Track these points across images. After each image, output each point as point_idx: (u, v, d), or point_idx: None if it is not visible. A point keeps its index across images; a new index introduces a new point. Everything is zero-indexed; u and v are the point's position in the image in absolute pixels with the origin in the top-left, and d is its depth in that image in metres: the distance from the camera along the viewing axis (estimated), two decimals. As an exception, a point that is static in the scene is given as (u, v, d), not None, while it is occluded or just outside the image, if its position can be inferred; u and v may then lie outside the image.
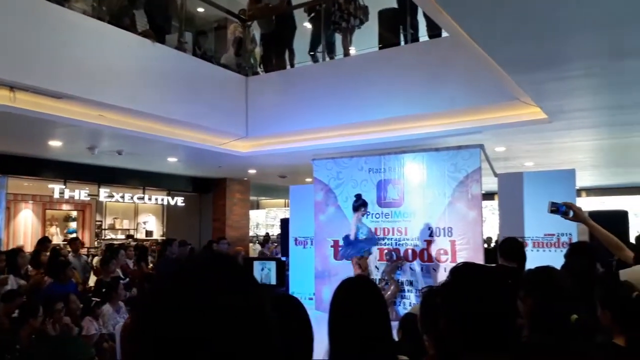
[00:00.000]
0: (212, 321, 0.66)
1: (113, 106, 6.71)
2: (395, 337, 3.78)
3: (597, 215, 8.51)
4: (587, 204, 14.26)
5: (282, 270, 9.81)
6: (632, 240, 8.14)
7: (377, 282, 7.90)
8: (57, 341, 4.80)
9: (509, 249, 4.35)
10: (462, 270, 1.64)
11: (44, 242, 8.43)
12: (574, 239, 7.06)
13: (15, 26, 5.61)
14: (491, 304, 1.49)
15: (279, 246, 12.50)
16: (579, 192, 14.01)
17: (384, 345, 1.83)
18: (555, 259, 4.04)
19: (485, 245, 9.47)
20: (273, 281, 9.86)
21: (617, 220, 8.28)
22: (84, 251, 10.69)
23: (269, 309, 0.73)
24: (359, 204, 7.90)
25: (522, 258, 4.29)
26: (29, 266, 7.43)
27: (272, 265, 10.10)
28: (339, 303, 1.89)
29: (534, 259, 4.89)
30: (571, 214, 3.47)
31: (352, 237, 7.87)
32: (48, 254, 8.08)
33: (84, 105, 6.57)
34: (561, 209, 3.47)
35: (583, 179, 13.08)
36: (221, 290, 0.69)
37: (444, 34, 6.84)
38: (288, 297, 1.77)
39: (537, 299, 2.51)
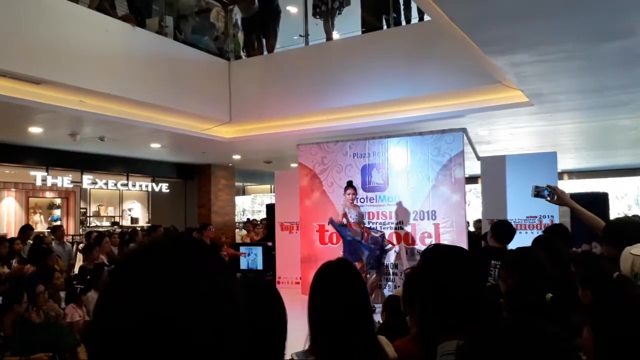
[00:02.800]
0: (173, 303, 0.63)
1: (94, 91, 6.62)
2: (380, 318, 3.84)
3: (578, 198, 8.62)
4: (569, 186, 14.44)
5: (269, 255, 9.84)
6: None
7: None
8: (41, 328, 4.78)
9: (501, 230, 4.50)
10: (432, 254, 1.66)
11: (25, 230, 8.34)
12: (556, 221, 7.17)
13: (-9, 10, 5.50)
14: (461, 286, 1.51)
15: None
16: (560, 174, 14.18)
17: (363, 327, 1.85)
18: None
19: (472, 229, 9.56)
20: (260, 266, 9.91)
21: (598, 203, 8.40)
22: (69, 239, 10.61)
23: (236, 289, 0.71)
24: (345, 187, 7.85)
25: (509, 240, 4.42)
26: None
27: (259, 250, 10.13)
28: (319, 286, 1.91)
29: (516, 241, 4.98)
30: (555, 197, 3.50)
31: (336, 221, 7.88)
32: (30, 241, 8.01)
33: (64, 91, 6.48)
34: (544, 193, 3.48)
35: (565, 162, 13.22)
36: (183, 271, 0.67)
37: (427, 17, 6.83)
38: (257, 280, 1.77)
39: (516, 279, 2.55)
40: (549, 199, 3.50)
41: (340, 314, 1.81)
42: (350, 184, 7.78)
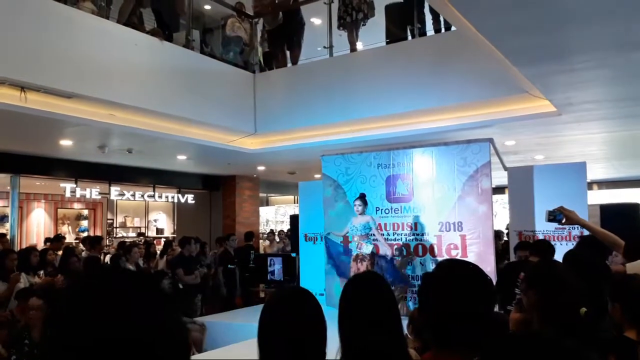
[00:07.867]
0: (111, 334, 0.72)
1: (122, 105, 6.75)
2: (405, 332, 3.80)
3: (609, 209, 8.50)
4: (599, 197, 14.14)
5: (292, 266, 9.83)
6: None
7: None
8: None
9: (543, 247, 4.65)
10: (442, 267, 1.63)
11: (59, 240, 8.46)
12: (585, 232, 7.02)
13: (24, 27, 5.66)
14: (464, 303, 1.47)
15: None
16: (590, 185, 13.88)
17: (394, 340, 1.84)
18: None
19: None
20: (280, 278, 9.90)
21: (629, 213, 8.23)
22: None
23: (175, 323, 0.80)
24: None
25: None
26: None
27: (279, 261, 10.13)
28: (349, 298, 1.91)
29: (544, 253, 4.93)
30: (564, 219, 3.46)
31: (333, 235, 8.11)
32: (60, 252, 8.15)
33: (94, 105, 6.62)
34: (559, 217, 3.45)
35: (594, 172, 12.97)
36: (122, 304, 0.75)
37: (452, 27, 6.80)
38: (300, 290, 1.77)
39: (541, 293, 2.50)
40: (559, 222, 3.49)
41: (371, 327, 1.80)
42: (359, 196, 7.86)
